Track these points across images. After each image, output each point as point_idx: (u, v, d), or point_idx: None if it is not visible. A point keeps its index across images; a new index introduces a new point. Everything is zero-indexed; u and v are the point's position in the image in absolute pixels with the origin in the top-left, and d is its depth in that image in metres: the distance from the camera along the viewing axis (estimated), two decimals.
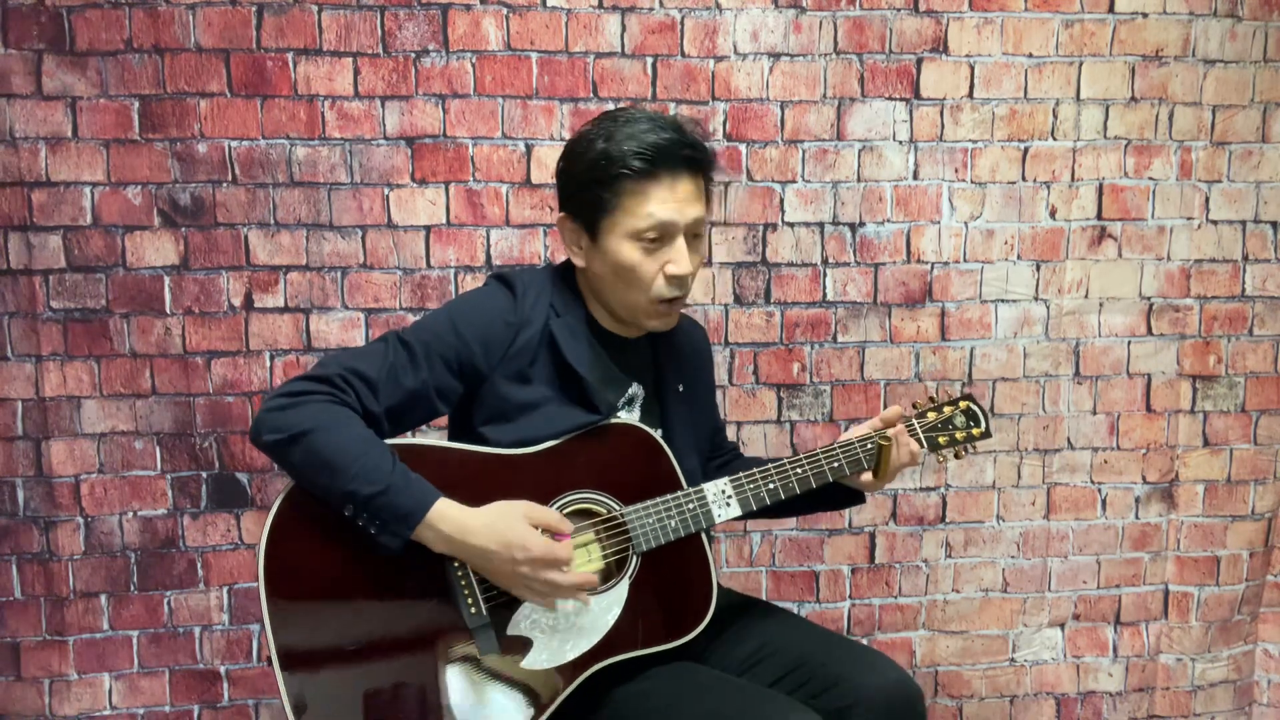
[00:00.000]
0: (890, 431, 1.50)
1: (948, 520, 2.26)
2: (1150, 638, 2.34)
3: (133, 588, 2.08)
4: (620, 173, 1.36)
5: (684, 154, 1.39)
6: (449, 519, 1.30)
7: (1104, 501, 2.29)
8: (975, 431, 1.59)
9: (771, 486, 1.47)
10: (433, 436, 1.88)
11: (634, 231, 1.38)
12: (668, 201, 1.38)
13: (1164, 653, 2.34)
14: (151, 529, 2.07)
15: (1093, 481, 2.28)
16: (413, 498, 1.29)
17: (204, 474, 2.07)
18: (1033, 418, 2.25)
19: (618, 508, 1.42)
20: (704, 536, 1.46)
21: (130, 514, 2.07)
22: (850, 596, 2.27)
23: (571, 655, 1.37)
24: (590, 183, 1.39)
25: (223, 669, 2.12)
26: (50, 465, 2.03)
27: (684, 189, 1.40)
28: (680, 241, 1.40)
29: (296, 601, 1.30)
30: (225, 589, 2.11)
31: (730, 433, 2.17)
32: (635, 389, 1.53)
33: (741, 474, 1.47)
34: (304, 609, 1.31)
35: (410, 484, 1.30)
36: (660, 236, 1.39)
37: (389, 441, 1.35)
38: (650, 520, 1.41)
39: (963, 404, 1.60)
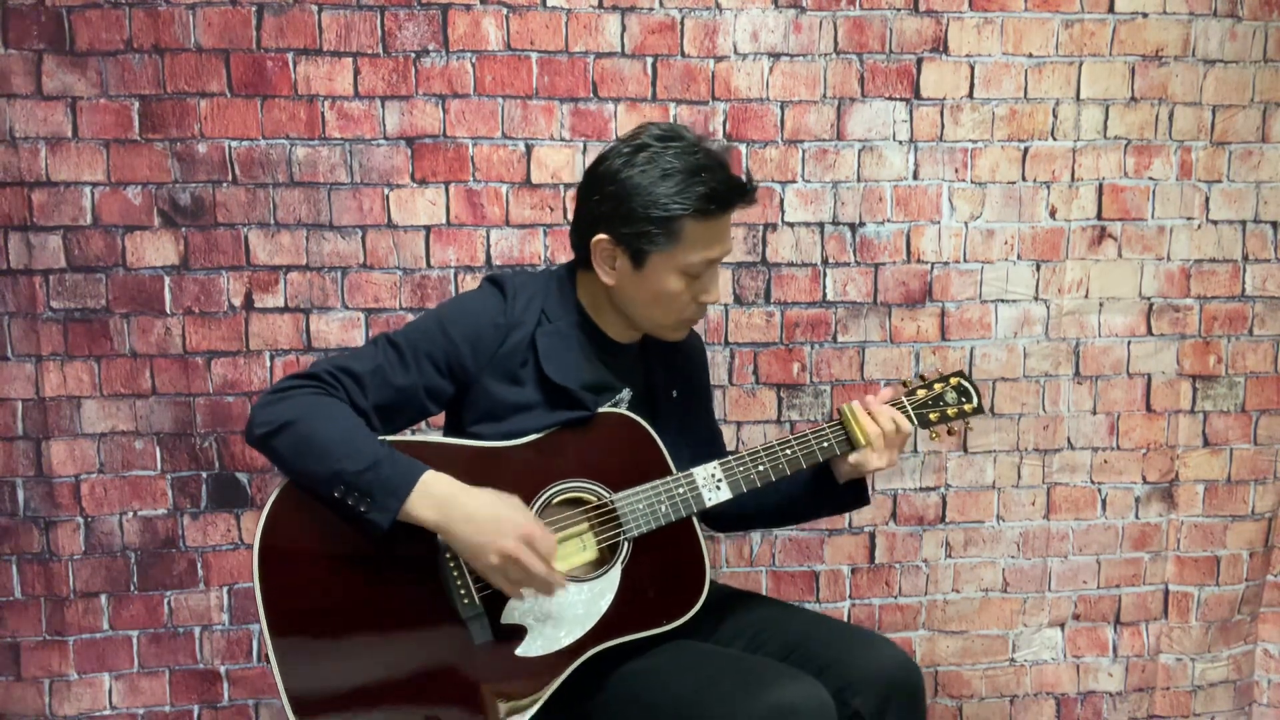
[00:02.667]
0: (853, 403, 1.49)
1: (948, 520, 2.26)
2: (1150, 638, 2.34)
3: (133, 588, 2.08)
4: (684, 215, 1.38)
5: (744, 199, 1.43)
6: (440, 487, 1.31)
7: (1104, 501, 2.29)
8: (967, 407, 1.57)
9: (761, 468, 1.47)
10: (432, 437, 1.88)
11: (686, 266, 1.42)
12: (720, 241, 1.44)
13: (1164, 653, 2.34)
14: (151, 529, 2.07)
15: (1093, 481, 2.28)
16: (402, 471, 1.31)
17: (204, 474, 2.07)
18: (1033, 418, 2.25)
19: (608, 495, 1.43)
20: (695, 521, 1.46)
21: (130, 514, 2.07)
22: (850, 596, 2.27)
23: (566, 642, 1.38)
24: (649, 219, 1.39)
25: (223, 669, 2.12)
26: (50, 465, 2.03)
27: (729, 225, 1.46)
28: (715, 271, 1.46)
29: (291, 597, 1.31)
30: (225, 589, 2.11)
31: (730, 433, 2.18)
32: (624, 393, 1.54)
33: (731, 457, 1.48)
34: (299, 604, 1.32)
35: (398, 459, 1.32)
36: (704, 270, 1.44)
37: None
38: (640, 506, 1.42)
39: (953, 380, 1.58)
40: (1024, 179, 2.17)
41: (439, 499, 1.31)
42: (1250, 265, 2.24)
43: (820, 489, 1.57)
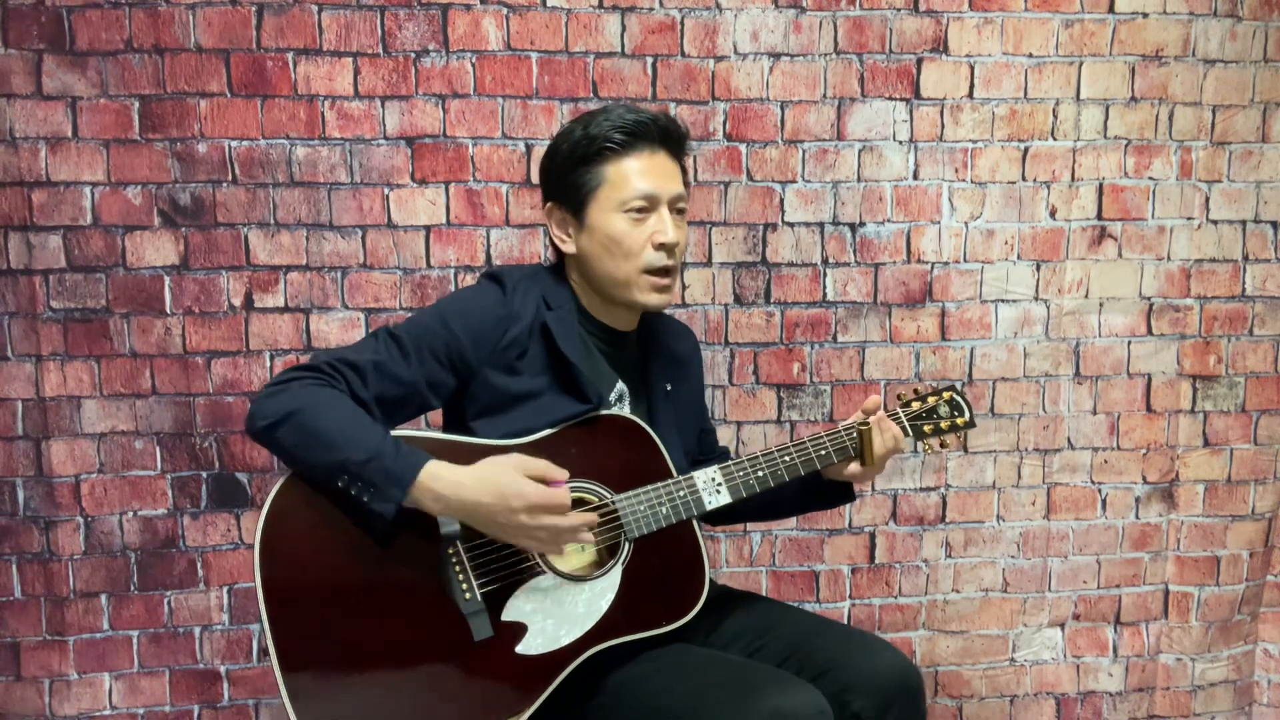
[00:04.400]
0: (872, 418, 1.52)
1: (948, 520, 2.26)
2: (1150, 638, 2.34)
3: (133, 588, 2.08)
4: (603, 148, 1.45)
5: (659, 129, 1.47)
6: (442, 478, 1.31)
7: (1104, 501, 2.29)
8: (960, 421, 1.61)
9: (760, 474, 1.49)
10: (435, 433, 1.88)
11: (620, 202, 1.45)
12: (649, 173, 1.46)
13: (1164, 653, 2.34)
14: (151, 529, 2.07)
15: (1093, 481, 2.29)
16: (405, 460, 1.31)
17: (204, 474, 2.07)
18: (1033, 418, 2.25)
19: (609, 496, 1.43)
20: (695, 524, 1.47)
21: (130, 514, 2.07)
22: (850, 596, 2.27)
23: (566, 640, 1.38)
24: (574, 165, 1.46)
25: (223, 669, 2.13)
26: (50, 465, 2.04)
27: (662, 163, 1.48)
28: (664, 211, 1.47)
29: (292, 593, 1.31)
30: (225, 589, 2.11)
31: (730, 432, 2.18)
32: (621, 387, 1.55)
33: (731, 462, 1.49)
34: (300, 600, 1.32)
35: (401, 449, 1.32)
36: (645, 207, 1.46)
37: None
38: (641, 507, 1.43)
39: (946, 394, 1.62)
40: (1024, 179, 2.17)
41: (442, 488, 1.31)
42: (1250, 265, 2.24)
43: (807, 487, 1.59)
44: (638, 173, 1.45)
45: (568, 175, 1.47)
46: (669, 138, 1.48)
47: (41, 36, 1.94)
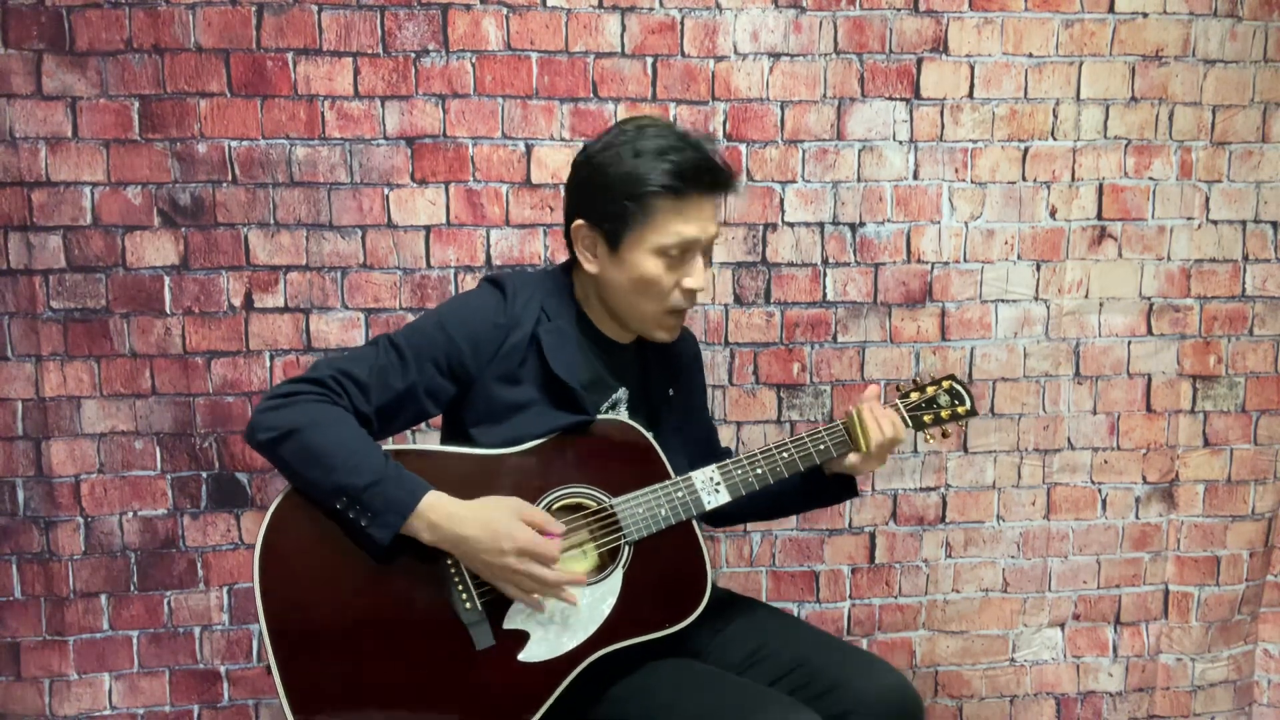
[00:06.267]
0: (863, 407, 1.50)
1: (948, 520, 2.26)
2: (1150, 638, 2.34)
3: (133, 588, 2.08)
4: (652, 191, 1.39)
5: (716, 179, 1.43)
6: (439, 509, 1.32)
7: (1104, 501, 2.29)
8: (960, 409, 1.59)
9: (760, 471, 1.48)
10: (432, 437, 1.88)
11: (660, 247, 1.41)
12: (694, 220, 1.42)
13: (1164, 653, 2.34)
14: (151, 529, 2.07)
15: (1093, 481, 2.28)
16: (404, 488, 1.31)
17: (204, 474, 2.07)
18: (1033, 418, 2.25)
19: (607, 500, 1.43)
20: (695, 524, 1.46)
21: (130, 514, 2.07)
22: (850, 596, 2.27)
23: (568, 646, 1.38)
24: (619, 197, 1.40)
25: (223, 669, 2.13)
26: (50, 465, 2.03)
27: (708, 208, 1.44)
28: (698, 257, 1.45)
29: (292, 601, 1.31)
30: (225, 589, 2.11)
31: (730, 432, 2.18)
32: (621, 393, 1.54)
33: (729, 461, 1.48)
34: (300, 608, 1.32)
35: (402, 476, 1.32)
36: (682, 252, 1.42)
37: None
38: (640, 510, 1.43)
39: (946, 383, 1.60)
40: (1024, 179, 2.17)
41: (438, 520, 1.31)
42: (1250, 265, 2.24)
43: (809, 485, 1.58)
44: (683, 219, 1.40)
45: (609, 204, 1.40)
46: (719, 184, 1.44)
47: (41, 36, 1.93)
